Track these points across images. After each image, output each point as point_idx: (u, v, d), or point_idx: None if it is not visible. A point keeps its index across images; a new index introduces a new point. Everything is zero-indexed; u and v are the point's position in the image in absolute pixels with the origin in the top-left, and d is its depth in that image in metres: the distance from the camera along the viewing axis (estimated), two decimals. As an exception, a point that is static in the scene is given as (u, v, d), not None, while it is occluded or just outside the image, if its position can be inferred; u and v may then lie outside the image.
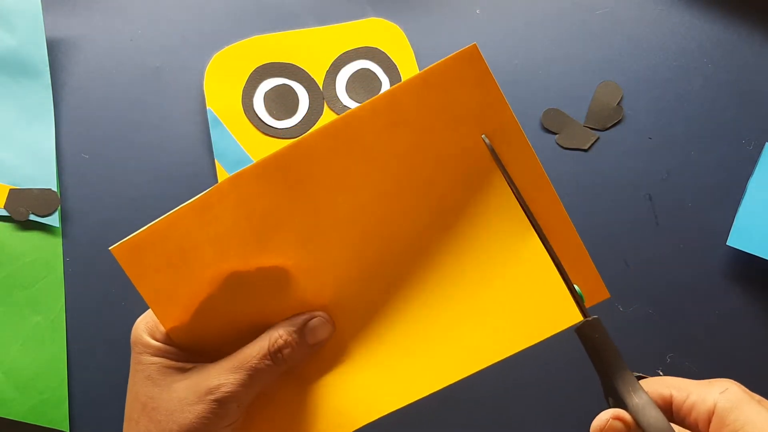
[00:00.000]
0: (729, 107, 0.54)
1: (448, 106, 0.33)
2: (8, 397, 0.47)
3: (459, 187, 0.34)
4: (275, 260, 0.34)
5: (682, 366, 0.49)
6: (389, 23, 0.56)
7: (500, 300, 0.34)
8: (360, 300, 0.35)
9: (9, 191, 0.51)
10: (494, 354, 0.35)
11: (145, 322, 0.35)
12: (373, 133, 0.33)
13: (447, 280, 0.34)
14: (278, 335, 0.33)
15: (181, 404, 0.32)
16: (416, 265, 0.34)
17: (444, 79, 0.32)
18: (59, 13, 0.56)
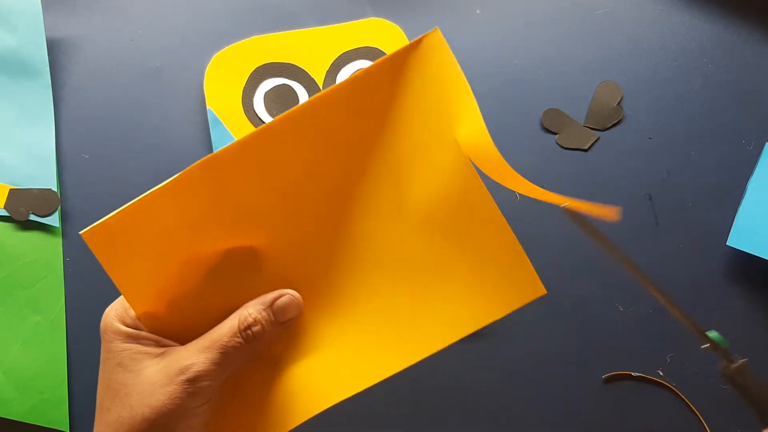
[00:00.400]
0: (729, 107, 0.54)
1: (412, 89, 0.33)
2: (8, 397, 0.47)
3: (428, 168, 0.34)
4: (247, 243, 0.34)
5: (682, 366, 0.49)
6: (389, 23, 0.56)
7: (466, 275, 0.35)
8: (328, 281, 0.35)
9: (9, 191, 0.51)
10: (461, 329, 0.35)
11: (115, 310, 0.35)
12: (339, 117, 0.33)
13: (414, 259, 0.35)
14: (248, 313, 0.33)
15: (153, 387, 0.32)
16: (384, 245, 0.35)
17: (408, 62, 0.33)
18: (59, 13, 0.56)
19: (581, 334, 0.50)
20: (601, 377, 0.49)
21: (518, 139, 0.54)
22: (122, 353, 0.34)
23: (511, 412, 0.49)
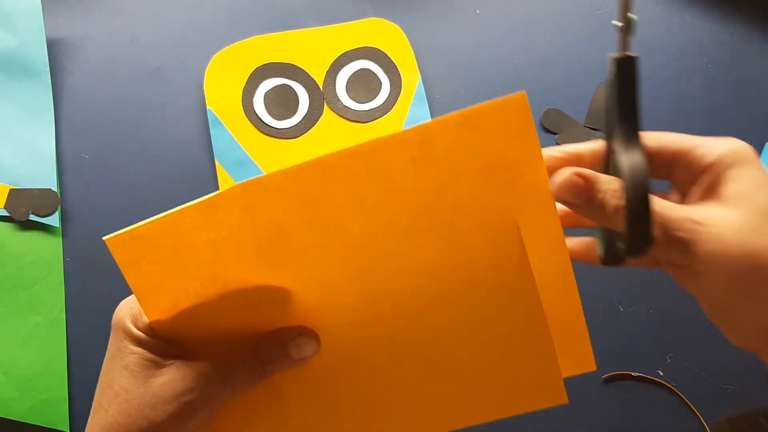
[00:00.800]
0: (728, 107, 0.54)
1: (482, 153, 0.31)
2: (8, 397, 0.47)
3: (479, 240, 0.32)
4: (274, 273, 0.33)
5: (682, 366, 0.49)
6: (389, 23, 0.56)
7: (494, 367, 0.34)
8: (352, 330, 0.34)
9: (9, 191, 0.51)
10: (473, 418, 0.35)
11: (129, 308, 0.34)
12: (399, 163, 0.31)
13: (446, 334, 0.34)
14: (264, 348, 0.33)
15: (155, 400, 0.32)
16: (418, 310, 0.33)
17: (484, 123, 0.31)
18: (59, 13, 0.56)
19: (581, 334, 0.50)
20: (602, 377, 0.49)
21: (518, 139, 0.54)
22: (130, 356, 0.33)
23: (511, 412, 0.49)
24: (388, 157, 0.31)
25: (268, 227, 0.32)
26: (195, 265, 0.33)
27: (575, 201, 0.31)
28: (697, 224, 0.28)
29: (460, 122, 0.30)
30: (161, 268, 0.32)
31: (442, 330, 0.34)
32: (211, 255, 0.32)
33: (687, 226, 0.28)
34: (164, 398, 0.32)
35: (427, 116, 0.54)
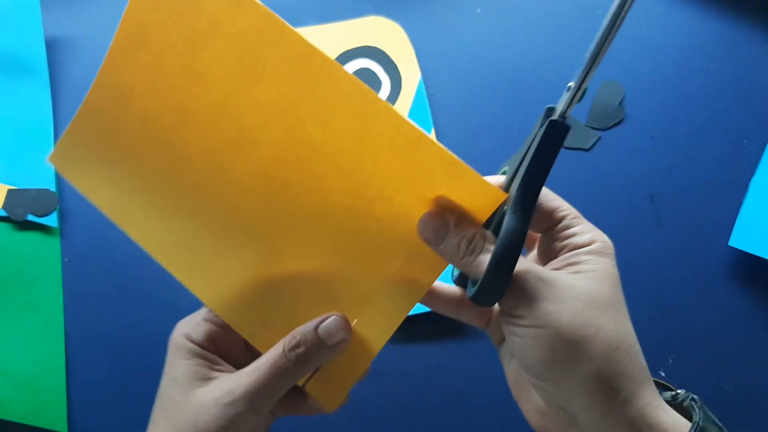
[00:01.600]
0: (731, 107, 0.54)
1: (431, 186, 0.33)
2: (6, 398, 0.47)
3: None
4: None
5: (684, 367, 0.49)
6: (390, 22, 0.56)
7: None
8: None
9: (7, 191, 0.51)
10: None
11: (185, 321, 0.35)
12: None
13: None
14: (292, 336, 0.34)
15: (198, 407, 0.32)
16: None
17: (460, 180, 0.33)
18: (58, 11, 0.56)
19: (583, 335, 0.50)
20: (603, 378, 0.49)
21: (519, 139, 0.54)
22: (179, 369, 0.34)
23: (511, 413, 0.49)
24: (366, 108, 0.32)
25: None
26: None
27: (432, 240, 0.33)
28: (542, 282, 0.30)
29: (448, 162, 0.32)
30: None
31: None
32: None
33: (533, 281, 0.30)
34: (206, 404, 0.32)
35: (427, 115, 0.54)
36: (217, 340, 0.35)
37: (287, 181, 0.34)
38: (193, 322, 0.35)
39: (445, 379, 0.50)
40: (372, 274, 0.35)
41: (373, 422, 0.49)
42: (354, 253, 0.35)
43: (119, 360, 0.49)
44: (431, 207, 0.33)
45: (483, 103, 0.55)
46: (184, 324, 0.35)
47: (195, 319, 0.35)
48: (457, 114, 0.55)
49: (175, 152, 0.34)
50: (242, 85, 0.33)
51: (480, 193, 0.33)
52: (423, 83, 0.55)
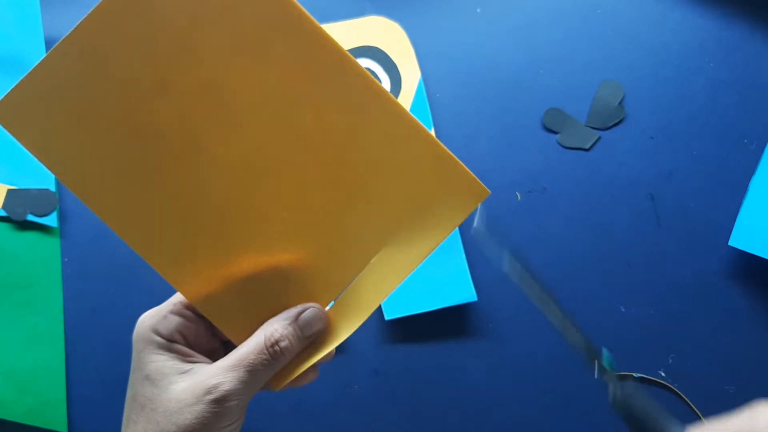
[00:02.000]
0: (731, 106, 0.54)
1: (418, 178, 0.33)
2: (6, 399, 0.47)
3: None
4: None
5: (684, 367, 0.49)
6: (390, 21, 0.56)
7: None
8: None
9: (7, 191, 0.51)
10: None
11: (150, 317, 0.35)
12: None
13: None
14: (274, 329, 0.33)
15: (180, 405, 0.32)
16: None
17: (448, 173, 0.33)
18: (57, 11, 0.56)
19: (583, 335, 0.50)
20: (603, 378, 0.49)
21: (519, 139, 0.54)
22: (150, 365, 0.33)
23: (511, 413, 0.49)
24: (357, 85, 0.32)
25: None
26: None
27: None
28: None
29: (440, 156, 0.33)
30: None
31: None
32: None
33: None
34: (188, 401, 0.32)
35: (427, 115, 0.54)
36: (185, 332, 0.35)
37: (266, 168, 0.33)
38: (158, 316, 0.34)
39: (445, 379, 0.50)
40: (347, 265, 0.35)
41: (374, 422, 0.49)
42: (330, 244, 0.34)
43: (119, 360, 0.49)
44: (414, 201, 0.34)
45: (483, 103, 0.55)
46: (148, 318, 0.35)
47: (160, 313, 0.35)
48: (457, 114, 0.55)
49: (147, 122, 0.33)
50: (240, 65, 0.32)
51: (466, 188, 0.33)
52: (423, 83, 0.55)
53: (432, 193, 0.34)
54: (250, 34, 0.32)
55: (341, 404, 0.49)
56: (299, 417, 0.49)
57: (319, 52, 0.32)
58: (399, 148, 0.33)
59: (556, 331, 0.33)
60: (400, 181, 0.34)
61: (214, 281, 0.34)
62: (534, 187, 0.53)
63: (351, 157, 0.33)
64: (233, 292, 0.34)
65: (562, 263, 0.51)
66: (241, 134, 0.33)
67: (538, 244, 0.52)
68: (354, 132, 0.33)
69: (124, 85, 0.32)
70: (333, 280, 0.35)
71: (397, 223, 0.34)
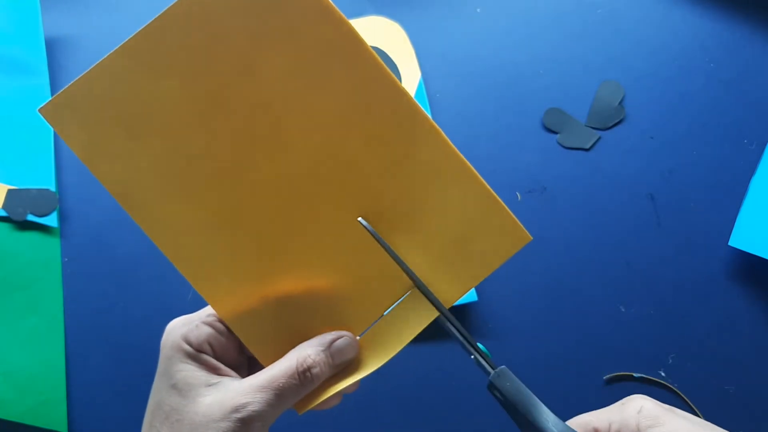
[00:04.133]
0: (731, 107, 0.54)
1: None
2: (6, 399, 0.47)
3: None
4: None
5: (683, 367, 0.49)
6: (390, 21, 0.56)
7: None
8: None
9: (7, 191, 0.51)
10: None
11: (181, 324, 0.34)
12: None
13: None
14: (307, 354, 0.33)
15: (206, 419, 0.32)
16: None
17: (491, 221, 0.34)
18: (57, 11, 0.56)
19: (583, 335, 0.50)
20: (603, 378, 0.49)
21: (519, 139, 0.54)
22: (178, 374, 0.33)
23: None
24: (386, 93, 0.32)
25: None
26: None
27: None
28: None
29: (485, 194, 0.34)
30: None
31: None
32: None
33: None
34: (215, 417, 0.32)
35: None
36: (214, 344, 0.34)
37: (312, 193, 0.33)
38: (190, 324, 0.34)
39: (445, 379, 0.50)
40: (382, 297, 0.35)
41: (374, 422, 0.49)
42: (367, 274, 0.34)
43: (119, 360, 0.49)
44: (455, 240, 0.34)
45: (483, 103, 0.55)
46: (180, 326, 0.34)
47: (192, 322, 0.34)
48: (457, 114, 0.55)
49: (198, 138, 0.32)
50: (295, 88, 0.32)
51: (509, 232, 0.34)
52: (423, 83, 0.55)
53: (473, 234, 0.34)
54: (308, 58, 0.32)
55: (341, 404, 0.49)
56: (299, 417, 0.49)
57: (375, 83, 0.32)
58: (445, 185, 0.33)
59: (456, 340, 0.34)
60: (443, 218, 0.34)
61: (247, 300, 0.34)
62: (534, 187, 0.53)
63: (397, 189, 0.34)
64: (265, 313, 0.34)
65: (562, 263, 0.51)
66: (290, 157, 0.33)
67: (538, 244, 0.52)
68: (402, 165, 0.33)
69: (179, 97, 0.32)
70: (366, 311, 0.35)
71: (435, 260, 0.34)
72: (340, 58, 0.32)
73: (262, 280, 0.34)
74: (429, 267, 0.34)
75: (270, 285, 0.34)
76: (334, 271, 0.34)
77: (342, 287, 0.34)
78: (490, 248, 0.34)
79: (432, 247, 0.34)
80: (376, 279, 0.34)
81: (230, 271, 0.34)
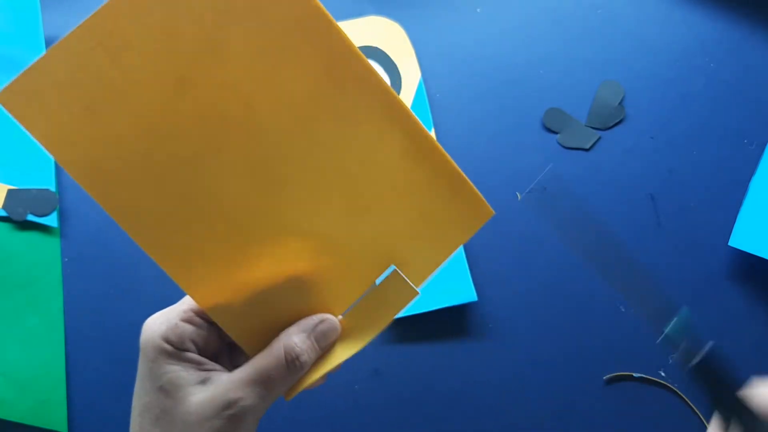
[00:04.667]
0: (731, 107, 0.54)
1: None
2: (6, 399, 0.47)
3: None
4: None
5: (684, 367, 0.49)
6: (390, 21, 0.56)
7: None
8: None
9: (7, 191, 0.51)
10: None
11: (159, 323, 0.34)
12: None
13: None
14: (293, 343, 0.33)
15: (198, 418, 0.31)
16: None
17: (453, 187, 0.34)
18: (57, 11, 0.56)
19: (583, 335, 0.50)
20: (603, 378, 0.49)
21: (519, 139, 0.54)
22: (164, 376, 0.32)
23: (512, 413, 0.49)
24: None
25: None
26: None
27: None
28: None
29: (452, 174, 0.34)
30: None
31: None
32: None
33: None
34: (207, 415, 0.31)
35: (427, 115, 0.54)
36: (195, 339, 0.34)
37: (285, 174, 0.33)
38: (168, 323, 0.33)
39: (445, 379, 0.50)
40: (360, 276, 0.35)
41: (374, 422, 0.49)
42: (344, 254, 0.34)
43: (119, 360, 0.49)
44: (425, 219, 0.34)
45: (483, 103, 0.55)
46: (157, 325, 0.33)
47: (170, 320, 0.34)
48: (457, 114, 0.55)
49: (164, 119, 0.31)
50: (264, 67, 0.32)
51: (474, 208, 0.35)
52: (423, 83, 0.55)
53: (443, 211, 0.35)
54: (276, 36, 0.31)
55: (341, 404, 0.49)
56: (300, 417, 0.49)
57: (344, 62, 0.32)
58: (415, 164, 0.34)
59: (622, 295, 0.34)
60: (414, 197, 0.34)
61: (226, 287, 0.33)
62: (534, 187, 0.53)
63: (369, 170, 0.34)
64: (246, 299, 0.34)
65: (563, 263, 0.51)
66: (261, 139, 0.32)
67: (538, 244, 0.52)
68: (373, 145, 0.33)
69: (142, 78, 0.31)
70: (346, 290, 0.35)
71: (408, 238, 0.35)
72: (308, 36, 0.31)
73: (240, 264, 0.33)
74: (404, 246, 0.35)
75: (248, 269, 0.33)
76: (312, 252, 0.34)
77: (321, 267, 0.34)
78: (457, 224, 0.35)
79: (405, 226, 0.34)
80: (355, 258, 0.34)
81: (206, 258, 0.33)
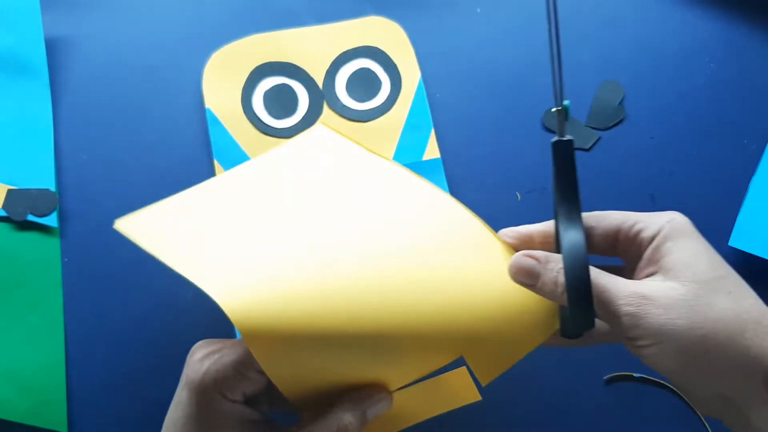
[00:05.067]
0: (731, 107, 0.54)
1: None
2: (6, 399, 0.47)
3: None
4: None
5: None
6: (390, 22, 0.56)
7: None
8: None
9: (7, 191, 0.51)
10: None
11: (215, 370, 0.33)
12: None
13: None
14: (348, 422, 0.33)
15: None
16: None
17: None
18: (57, 11, 0.56)
19: (582, 335, 0.50)
20: (603, 378, 0.49)
21: (519, 139, 0.54)
22: (219, 429, 0.32)
23: (512, 413, 0.49)
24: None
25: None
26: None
27: (528, 281, 0.33)
28: (643, 298, 0.29)
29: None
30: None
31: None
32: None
33: (633, 301, 0.29)
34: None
35: (427, 115, 0.54)
36: (246, 391, 0.34)
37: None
38: (225, 373, 0.33)
39: (445, 379, 0.49)
40: (425, 360, 0.35)
41: (373, 422, 0.49)
42: (419, 336, 0.34)
43: (119, 360, 0.49)
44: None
45: (483, 103, 0.55)
46: (213, 371, 0.33)
47: (227, 372, 0.33)
48: (457, 114, 0.55)
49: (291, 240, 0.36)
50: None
51: (551, 315, 0.36)
52: (423, 83, 0.55)
53: (518, 317, 0.36)
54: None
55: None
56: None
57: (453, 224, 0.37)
58: (492, 284, 0.35)
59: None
60: (499, 302, 0.35)
61: (287, 343, 0.32)
62: (534, 187, 0.53)
63: (465, 279, 0.36)
64: (305, 362, 0.33)
65: (562, 263, 0.51)
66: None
67: (538, 244, 0.52)
68: (456, 267, 0.36)
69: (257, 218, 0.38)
70: (408, 369, 0.35)
71: (483, 335, 0.36)
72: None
73: (309, 320, 0.32)
74: (473, 347, 0.36)
75: (315, 326, 0.32)
76: (387, 324, 0.34)
77: (392, 340, 0.34)
78: (520, 339, 0.36)
79: (475, 331, 0.36)
80: (431, 341, 0.35)
81: (276, 312, 0.32)
